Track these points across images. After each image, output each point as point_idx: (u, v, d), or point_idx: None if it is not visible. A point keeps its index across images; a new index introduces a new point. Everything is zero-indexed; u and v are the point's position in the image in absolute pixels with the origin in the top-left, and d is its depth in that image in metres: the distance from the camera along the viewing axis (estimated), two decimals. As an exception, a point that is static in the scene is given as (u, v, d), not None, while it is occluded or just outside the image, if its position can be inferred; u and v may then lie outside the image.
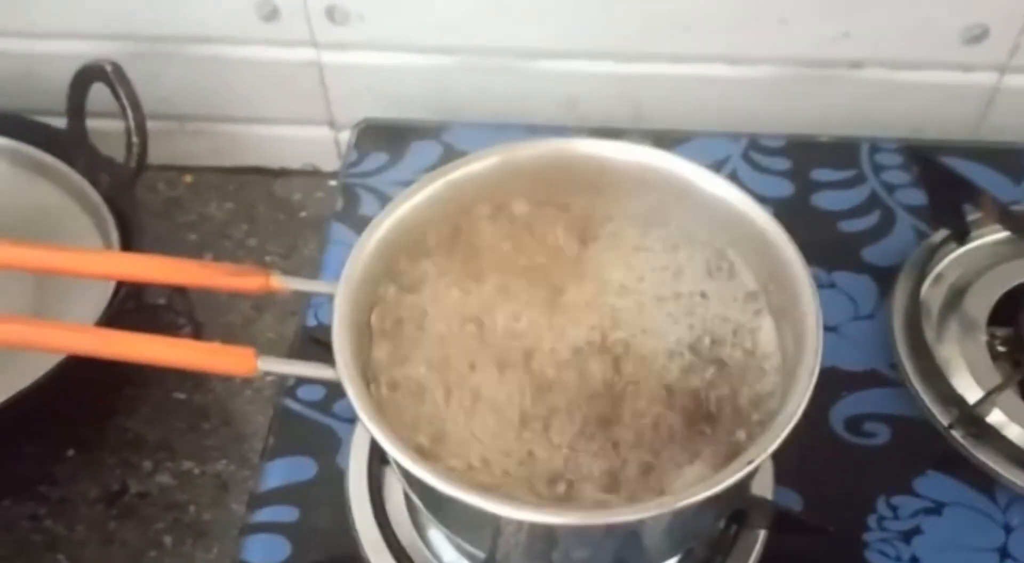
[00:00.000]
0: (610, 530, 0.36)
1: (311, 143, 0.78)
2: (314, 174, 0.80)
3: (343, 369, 0.37)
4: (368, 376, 0.40)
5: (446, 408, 0.40)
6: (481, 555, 0.42)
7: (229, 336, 0.71)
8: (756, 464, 0.36)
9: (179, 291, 0.69)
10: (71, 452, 0.63)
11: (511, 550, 0.39)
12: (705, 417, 0.41)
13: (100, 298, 0.60)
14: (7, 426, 0.56)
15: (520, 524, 0.36)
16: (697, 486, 0.35)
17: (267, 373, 0.39)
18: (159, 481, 0.63)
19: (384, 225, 0.41)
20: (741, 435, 0.40)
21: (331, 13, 0.67)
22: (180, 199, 0.79)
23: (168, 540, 0.60)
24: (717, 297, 0.44)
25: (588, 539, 0.37)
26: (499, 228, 0.45)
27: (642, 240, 0.45)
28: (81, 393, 0.64)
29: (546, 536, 0.38)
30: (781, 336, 0.43)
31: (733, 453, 0.39)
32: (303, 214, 0.77)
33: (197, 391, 0.67)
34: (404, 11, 0.67)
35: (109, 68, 0.62)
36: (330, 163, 0.78)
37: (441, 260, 0.44)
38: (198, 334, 0.69)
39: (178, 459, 0.64)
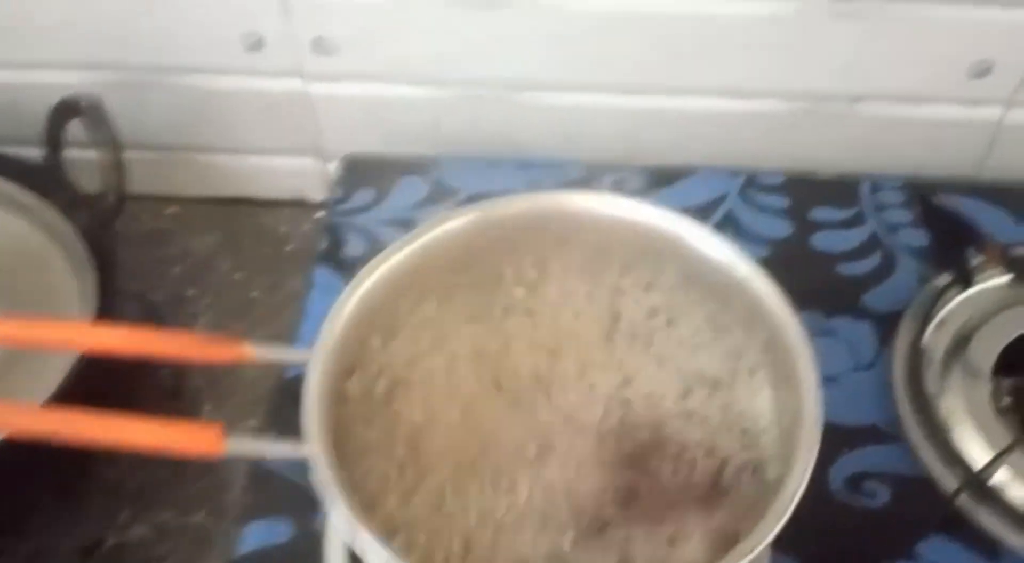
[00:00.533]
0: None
1: (299, 174, 0.76)
2: (302, 205, 0.78)
3: (318, 458, 0.36)
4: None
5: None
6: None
7: (212, 381, 0.69)
8: (756, 552, 0.34)
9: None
10: (46, 500, 0.62)
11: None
12: (695, 490, 0.39)
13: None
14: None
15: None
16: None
17: (236, 455, 0.37)
18: (136, 532, 0.61)
19: (352, 300, 0.39)
20: (734, 509, 0.39)
21: (318, 43, 0.65)
22: (164, 230, 0.77)
23: (144, 599, 0.58)
24: (709, 360, 0.42)
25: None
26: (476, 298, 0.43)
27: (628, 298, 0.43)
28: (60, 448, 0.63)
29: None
30: (779, 403, 0.41)
31: (727, 529, 0.37)
32: (289, 247, 0.75)
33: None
34: (393, 42, 0.65)
35: (85, 104, 0.60)
36: (318, 194, 0.76)
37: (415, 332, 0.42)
38: (179, 382, 0.68)
39: (157, 509, 0.62)
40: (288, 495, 0.51)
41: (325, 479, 0.35)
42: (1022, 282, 0.57)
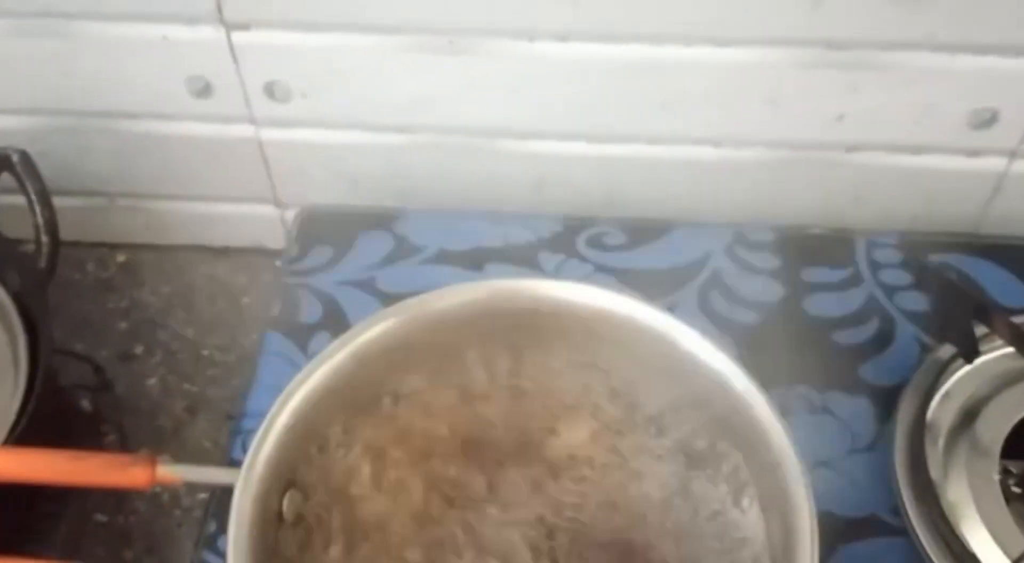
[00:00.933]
0: None
1: (256, 221, 0.71)
2: (261, 252, 0.73)
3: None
4: None
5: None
6: None
7: (161, 445, 0.64)
8: None
9: (105, 393, 0.63)
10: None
11: None
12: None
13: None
14: None
15: None
16: None
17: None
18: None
19: (282, 416, 0.35)
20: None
21: (270, 89, 0.60)
22: (111, 281, 0.72)
23: None
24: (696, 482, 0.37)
25: None
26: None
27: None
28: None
29: None
30: (767, 521, 0.36)
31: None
32: (246, 300, 0.71)
33: (119, 511, 0.60)
34: (353, 88, 0.60)
35: (16, 157, 0.55)
36: (277, 241, 0.71)
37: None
38: (124, 442, 0.63)
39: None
40: None
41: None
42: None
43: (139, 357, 0.68)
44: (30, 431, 0.57)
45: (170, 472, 0.35)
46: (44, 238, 0.56)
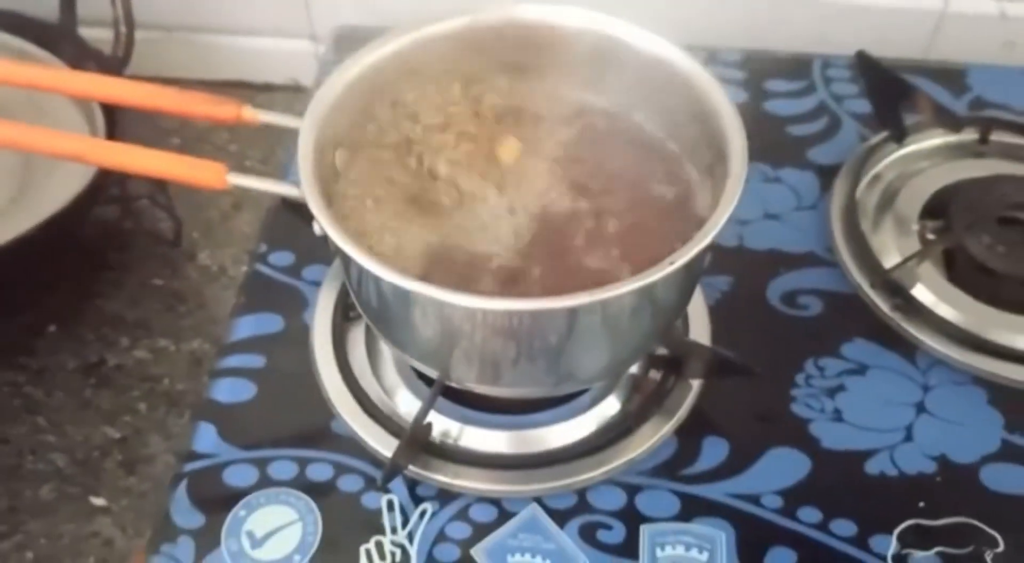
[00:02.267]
0: (555, 317, 0.40)
1: (293, 57, 0.81)
2: (295, 89, 0.83)
3: (306, 185, 0.41)
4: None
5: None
6: (435, 374, 0.45)
7: (208, 231, 0.74)
8: (679, 264, 0.39)
9: (160, 188, 0.73)
10: (52, 328, 0.67)
11: (457, 353, 0.42)
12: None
13: (82, 182, 0.64)
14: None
15: (459, 315, 0.40)
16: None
17: (236, 187, 0.43)
18: (136, 355, 0.66)
19: (350, 72, 0.45)
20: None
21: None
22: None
23: (143, 406, 0.63)
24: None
25: (537, 329, 0.41)
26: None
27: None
28: (64, 271, 0.68)
29: (479, 327, 0.41)
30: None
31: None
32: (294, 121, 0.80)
33: (174, 277, 0.70)
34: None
35: (100, -39, 0.65)
36: (311, 79, 0.81)
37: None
38: (179, 229, 0.73)
39: (154, 337, 0.67)
40: (280, 296, 0.56)
41: (314, 204, 0.40)
42: (949, 143, 0.63)
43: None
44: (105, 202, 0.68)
45: (252, 114, 0.45)
46: (122, 28, 0.66)
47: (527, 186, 0.46)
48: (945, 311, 0.55)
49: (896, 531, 0.48)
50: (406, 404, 0.51)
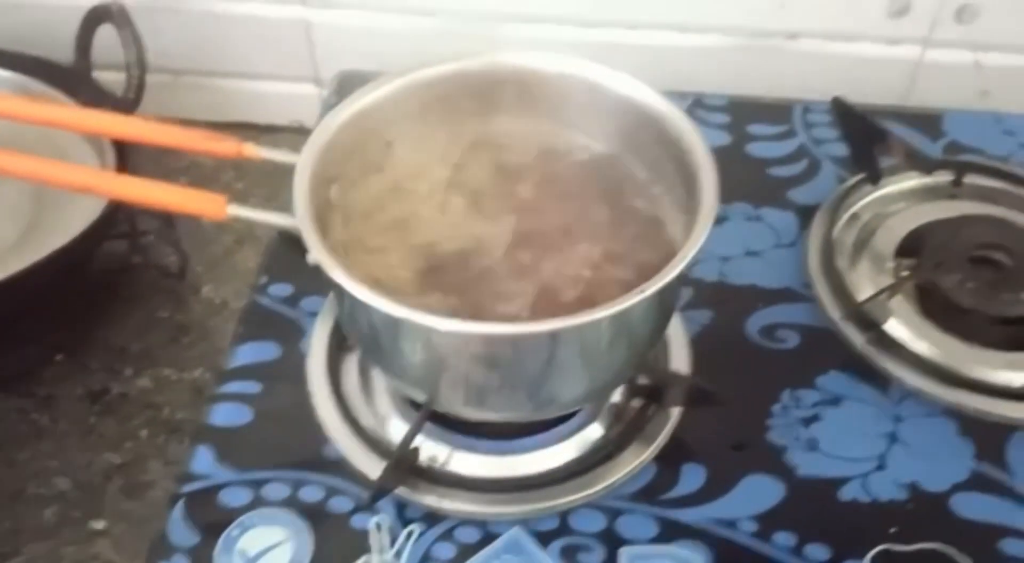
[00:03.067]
0: (534, 342, 0.42)
1: (297, 100, 0.84)
2: (299, 131, 0.86)
3: (301, 216, 0.43)
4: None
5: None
6: (422, 397, 0.48)
7: (212, 266, 0.77)
8: (650, 292, 0.41)
9: (168, 224, 0.76)
10: (59, 357, 0.69)
11: (442, 378, 0.44)
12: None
13: (92, 214, 0.66)
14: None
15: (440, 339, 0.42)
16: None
17: (236, 218, 0.45)
18: (139, 384, 0.68)
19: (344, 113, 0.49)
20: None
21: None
22: (172, 148, 0.85)
23: (144, 434, 0.65)
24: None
25: (517, 353, 0.43)
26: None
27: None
28: (72, 303, 0.70)
29: (462, 351, 0.43)
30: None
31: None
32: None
33: (179, 310, 0.73)
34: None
35: (116, 8, 0.69)
36: (314, 121, 0.84)
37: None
38: (184, 264, 0.76)
39: (158, 366, 0.69)
40: (278, 326, 0.59)
41: (308, 233, 0.43)
42: (924, 185, 0.66)
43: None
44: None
45: (252, 150, 0.48)
46: (134, 72, 0.69)
47: (512, 224, 0.49)
48: (917, 345, 0.57)
49: (868, 556, 0.49)
50: (396, 430, 0.53)
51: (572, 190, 0.50)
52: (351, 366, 0.56)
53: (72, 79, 0.73)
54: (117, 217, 0.69)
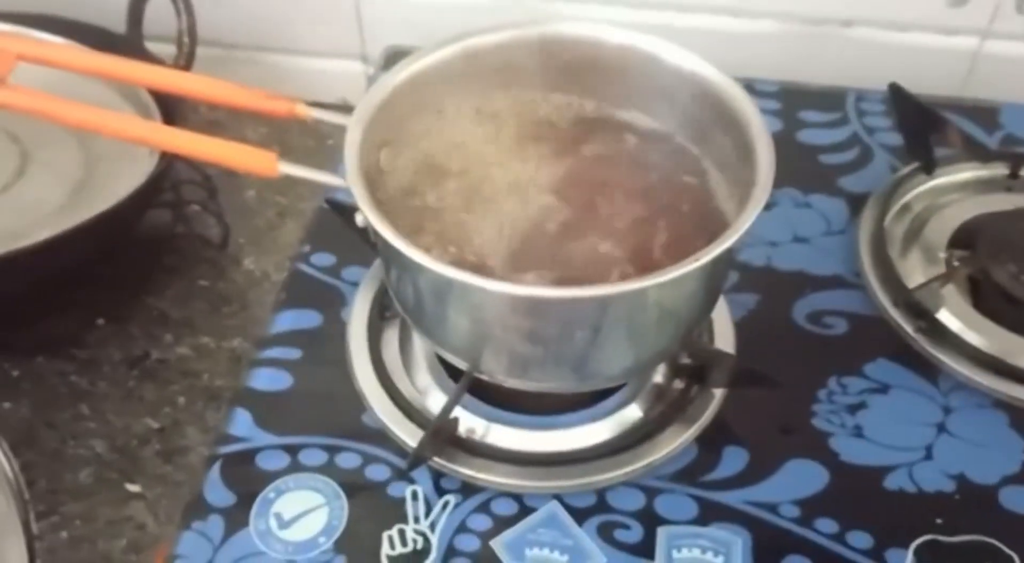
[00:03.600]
0: (586, 307, 0.41)
1: (344, 77, 0.84)
2: (344, 108, 0.86)
3: (352, 175, 0.43)
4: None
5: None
6: (464, 365, 0.47)
7: (255, 238, 0.77)
8: (704, 261, 0.41)
9: (211, 195, 0.76)
10: (101, 322, 0.69)
11: (486, 343, 0.44)
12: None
13: (139, 180, 0.67)
14: (48, 271, 0.62)
15: (487, 302, 0.42)
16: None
17: (286, 176, 0.45)
18: (179, 351, 0.68)
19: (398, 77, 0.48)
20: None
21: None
22: (220, 121, 0.85)
23: (182, 400, 0.65)
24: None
25: (569, 318, 0.42)
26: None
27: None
28: (117, 269, 0.71)
29: (512, 314, 0.42)
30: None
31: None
32: (330, 141, 0.84)
33: (220, 279, 0.73)
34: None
35: (168, -23, 0.69)
36: (359, 98, 0.84)
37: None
38: (226, 235, 0.76)
39: (198, 335, 0.69)
40: (320, 294, 0.59)
41: (358, 192, 0.43)
42: (979, 177, 0.64)
43: (240, 176, 0.81)
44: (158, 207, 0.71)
45: (305, 110, 0.48)
46: (185, 40, 0.69)
47: (565, 194, 0.48)
48: (969, 336, 0.55)
49: (912, 546, 0.48)
50: (435, 401, 0.53)
51: (626, 167, 0.49)
52: (391, 336, 0.56)
53: (124, 48, 0.74)
54: (163, 184, 0.70)
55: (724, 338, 0.55)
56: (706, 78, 0.49)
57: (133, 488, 0.61)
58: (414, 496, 0.49)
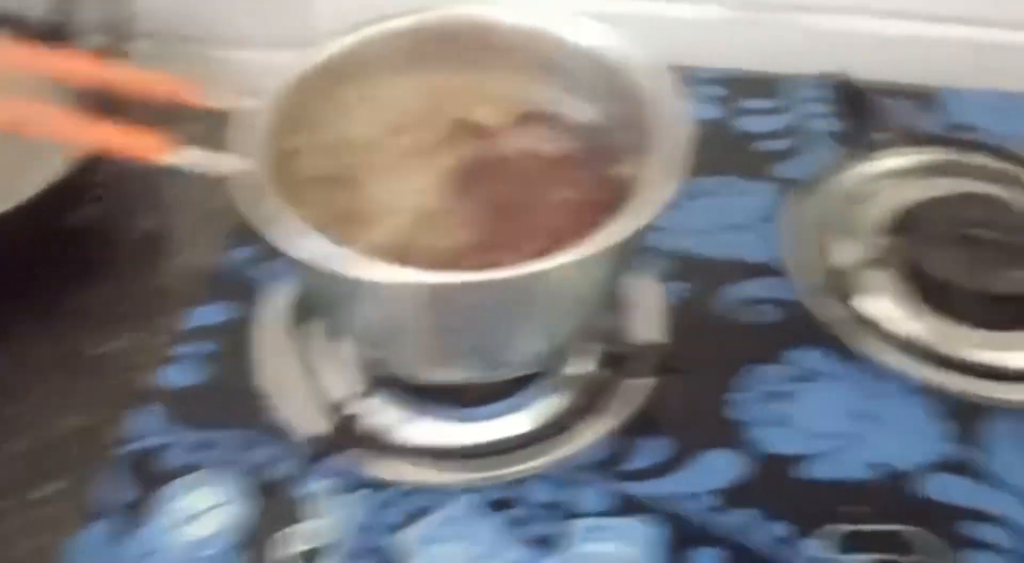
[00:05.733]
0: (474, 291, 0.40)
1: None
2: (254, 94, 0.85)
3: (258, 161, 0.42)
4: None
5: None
6: (380, 356, 0.46)
7: (191, 232, 0.76)
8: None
9: (146, 188, 0.75)
10: (31, 317, 0.68)
11: (388, 334, 0.43)
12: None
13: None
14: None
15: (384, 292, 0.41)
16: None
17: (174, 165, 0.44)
18: (111, 347, 0.66)
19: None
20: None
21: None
22: (162, 115, 0.84)
23: (114, 396, 0.64)
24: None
25: (460, 304, 0.41)
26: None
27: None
28: (45, 263, 0.69)
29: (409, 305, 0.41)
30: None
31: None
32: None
33: (154, 276, 0.72)
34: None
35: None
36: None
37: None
38: (161, 229, 0.75)
39: (132, 331, 0.67)
40: (238, 287, 0.58)
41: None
42: (912, 164, 0.63)
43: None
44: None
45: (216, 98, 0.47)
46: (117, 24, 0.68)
47: (474, 179, 0.47)
48: (897, 322, 0.54)
49: (834, 534, 0.47)
50: (347, 395, 0.52)
51: (529, 150, 0.48)
52: (307, 331, 0.55)
53: (47, 38, 0.73)
54: (94, 179, 0.68)
55: (655, 327, 0.54)
56: (606, 53, 0.48)
57: (58, 486, 0.60)
58: (321, 492, 0.48)
